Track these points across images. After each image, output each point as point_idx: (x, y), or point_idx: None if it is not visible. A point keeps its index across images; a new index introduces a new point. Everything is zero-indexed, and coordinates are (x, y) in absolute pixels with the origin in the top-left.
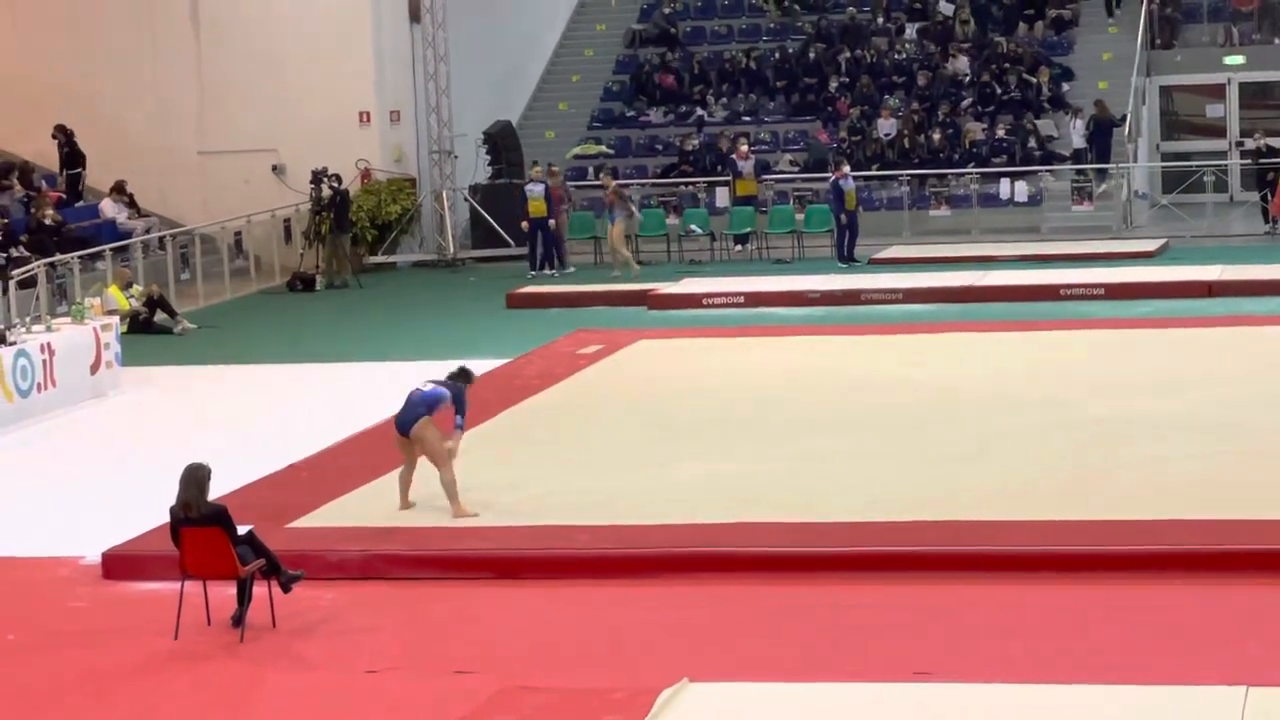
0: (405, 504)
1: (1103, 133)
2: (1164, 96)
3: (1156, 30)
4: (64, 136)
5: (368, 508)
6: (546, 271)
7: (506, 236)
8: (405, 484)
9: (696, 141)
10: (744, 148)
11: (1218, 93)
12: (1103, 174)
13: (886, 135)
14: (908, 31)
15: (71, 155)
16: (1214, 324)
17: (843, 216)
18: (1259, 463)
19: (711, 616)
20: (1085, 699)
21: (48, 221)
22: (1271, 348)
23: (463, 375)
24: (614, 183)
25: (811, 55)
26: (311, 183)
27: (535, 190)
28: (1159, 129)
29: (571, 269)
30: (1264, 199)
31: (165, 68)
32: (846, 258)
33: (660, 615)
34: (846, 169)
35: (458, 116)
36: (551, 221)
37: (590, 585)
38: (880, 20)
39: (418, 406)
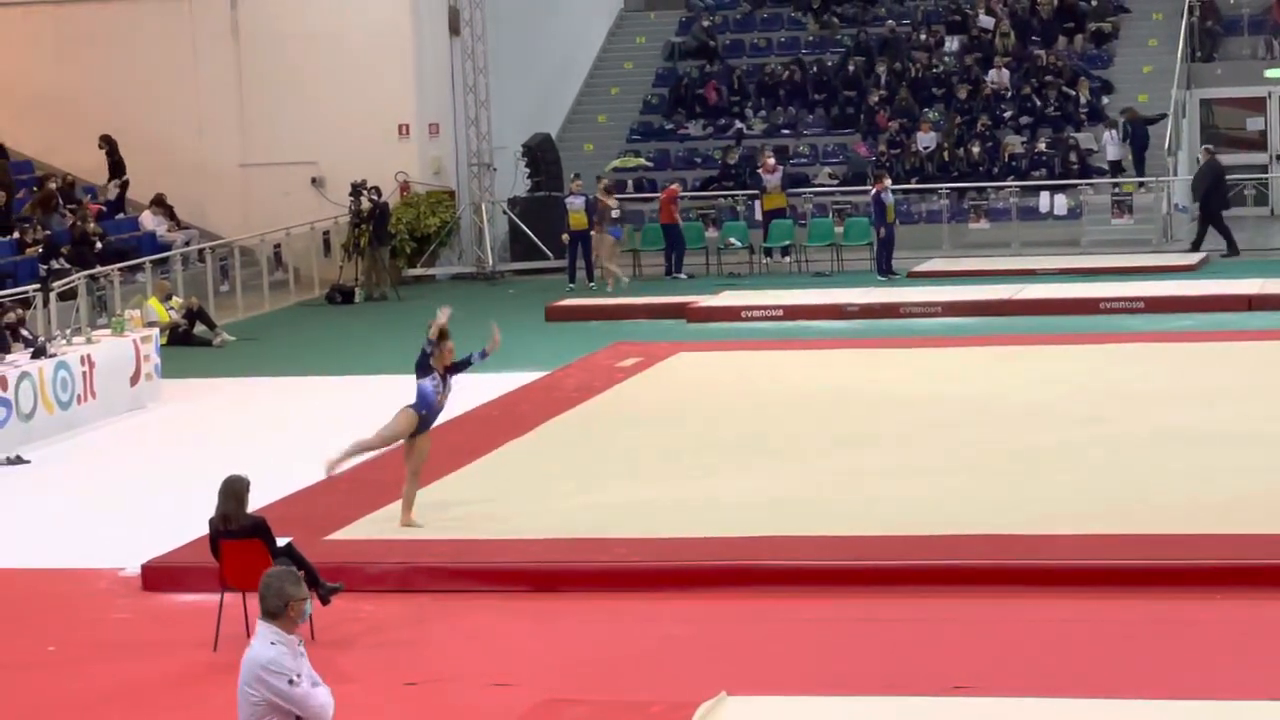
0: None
1: (1140, 135)
2: (1204, 109)
3: (1197, 43)
4: (109, 146)
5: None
6: (588, 284)
7: (545, 249)
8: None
9: (738, 154)
10: (770, 161)
11: (1258, 106)
12: (1141, 183)
13: (925, 148)
14: (947, 44)
15: (116, 165)
16: (1254, 338)
17: (882, 230)
18: None
19: (750, 630)
20: (1125, 714)
21: (88, 230)
22: None
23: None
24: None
25: (851, 68)
26: (351, 195)
27: (575, 203)
28: (1199, 142)
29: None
30: None
31: (205, 81)
32: (886, 270)
33: (698, 628)
34: (888, 182)
35: (497, 129)
36: (593, 234)
37: (628, 598)
38: (920, 34)
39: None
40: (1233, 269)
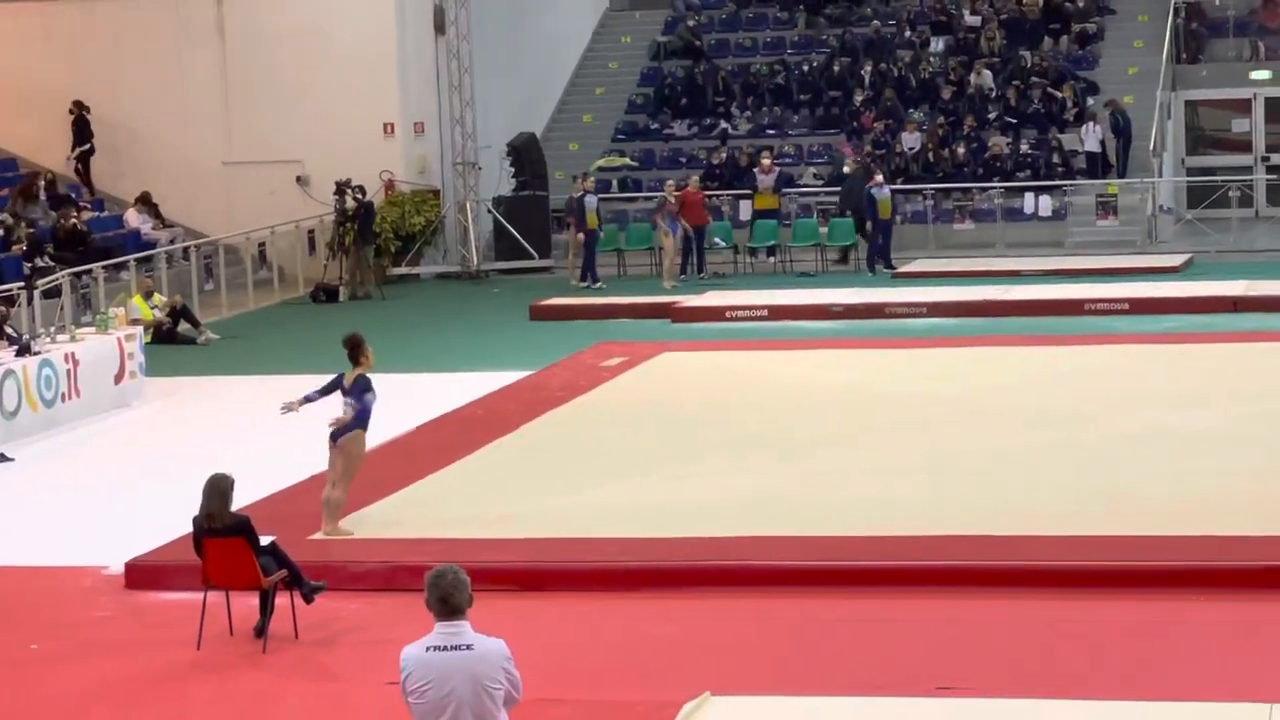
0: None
1: (1126, 126)
2: (1189, 111)
3: (1182, 44)
4: (79, 111)
5: (390, 519)
6: (594, 285)
7: (529, 248)
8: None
9: (724, 154)
10: (766, 161)
11: (1244, 107)
12: (1123, 173)
13: (910, 149)
14: (933, 45)
15: (82, 133)
16: (1239, 339)
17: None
18: None
19: (734, 630)
20: (1107, 715)
21: (75, 224)
22: None
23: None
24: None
25: (836, 69)
26: (335, 194)
27: (591, 202)
28: (1184, 144)
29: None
30: None
31: (191, 79)
32: (876, 265)
33: (682, 628)
34: (880, 177)
35: (482, 128)
36: (579, 235)
37: (613, 598)
38: (905, 34)
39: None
40: (1218, 270)
